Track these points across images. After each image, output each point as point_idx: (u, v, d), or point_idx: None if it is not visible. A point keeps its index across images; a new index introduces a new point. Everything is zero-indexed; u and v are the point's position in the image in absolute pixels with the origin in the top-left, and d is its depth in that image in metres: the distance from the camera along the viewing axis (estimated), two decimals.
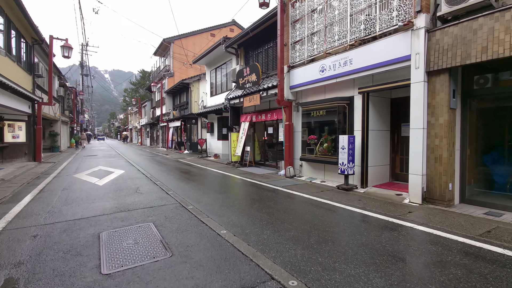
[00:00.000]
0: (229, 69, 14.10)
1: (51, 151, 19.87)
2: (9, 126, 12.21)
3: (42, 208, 5.00)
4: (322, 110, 7.67)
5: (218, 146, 15.24)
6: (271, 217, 4.36)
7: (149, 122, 32.69)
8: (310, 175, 8.33)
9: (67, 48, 13.47)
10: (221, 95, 14.86)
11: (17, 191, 6.60)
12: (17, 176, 8.86)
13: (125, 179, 8.06)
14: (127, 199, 5.57)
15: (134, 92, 56.86)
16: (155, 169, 10.51)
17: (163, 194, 6.06)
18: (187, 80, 19.65)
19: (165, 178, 8.37)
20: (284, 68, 8.73)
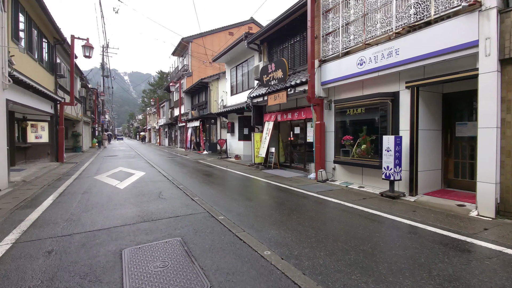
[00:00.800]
0: (250, 66, 13.52)
1: (73, 151, 20.09)
2: (32, 126, 12.20)
3: (61, 215, 4.58)
4: (359, 107, 6.91)
5: (239, 147, 14.70)
6: (318, 232, 3.69)
7: (167, 122, 32.75)
8: (345, 179, 7.57)
9: (88, 48, 13.37)
10: (242, 93, 14.31)
11: (37, 194, 6.30)
12: (39, 177, 8.67)
13: (146, 182, 7.63)
14: (150, 206, 5.07)
15: (152, 93, 57.68)
16: (176, 171, 10.08)
17: (188, 200, 5.52)
18: (206, 79, 19.27)
19: (188, 181, 7.87)
20: (315, 62, 8.02)
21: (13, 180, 7.80)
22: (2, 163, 6.66)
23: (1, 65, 6.71)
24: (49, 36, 12.51)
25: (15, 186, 7.05)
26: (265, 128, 11.33)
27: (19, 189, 6.81)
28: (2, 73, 6.75)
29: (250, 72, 13.46)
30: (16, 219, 4.36)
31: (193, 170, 10.46)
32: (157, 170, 10.34)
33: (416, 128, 5.74)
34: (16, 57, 7.99)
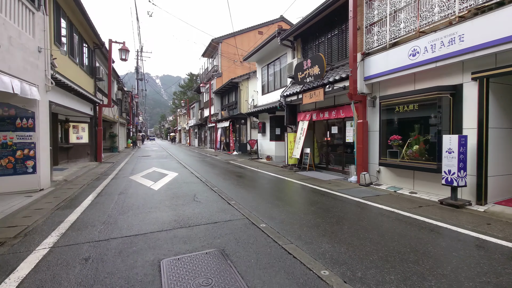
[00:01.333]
0: (283, 64, 13.06)
1: (110, 151, 20.99)
2: (73, 127, 12.78)
3: (98, 216, 4.48)
4: (411, 104, 6.17)
5: (271, 148, 14.29)
6: (379, 247, 3.15)
7: (197, 123, 33.28)
8: (392, 183, 6.84)
9: (125, 51, 13.75)
10: (273, 92, 13.89)
11: (77, 193, 6.37)
12: (79, 176, 8.92)
13: (180, 184, 7.49)
14: (185, 210, 4.82)
15: (182, 95, 59.31)
16: (208, 172, 9.91)
17: (225, 204, 5.21)
18: (236, 79, 19.13)
19: (222, 183, 7.61)
20: (357, 56, 7.37)
21: (55, 179, 8.06)
22: (45, 163, 6.85)
23: (44, 67, 6.92)
24: (89, 41, 13.02)
25: (57, 185, 7.25)
26: (299, 128, 10.81)
27: (61, 188, 6.97)
28: (46, 75, 6.95)
29: (283, 70, 13.01)
30: (56, 220, 4.32)
31: (225, 171, 10.23)
32: (189, 171, 10.25)
33: (485, 126, 4.93)
34: (59, 60, 8.27)
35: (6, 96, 5.94)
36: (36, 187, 6.48)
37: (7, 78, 5.24)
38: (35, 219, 4.43)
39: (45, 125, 6.92)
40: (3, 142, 6.10)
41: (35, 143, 6.49)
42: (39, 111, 6.56)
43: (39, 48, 6.64)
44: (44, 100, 6.90)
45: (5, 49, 5.25)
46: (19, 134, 6.28)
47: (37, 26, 6.59)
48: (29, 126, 6.42)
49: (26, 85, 5.92)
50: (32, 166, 6.46)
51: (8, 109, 6.13)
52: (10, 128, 6.17)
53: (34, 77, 6.41)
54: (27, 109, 6.38)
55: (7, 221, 4.28)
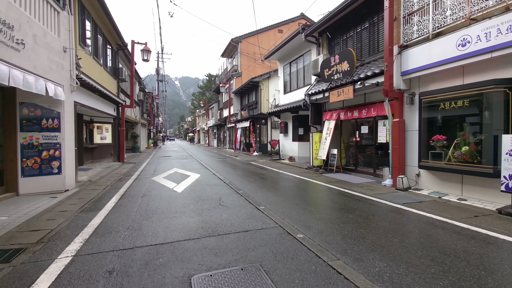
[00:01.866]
0: (306, 61, 12.56)
1: (132, 151, 21.30)
2: (97, 128, 12.93)
3: (122, 221, 4.25)
4: (459, 100, 5.52)
5: (293, 148, 13.81)
6: (448, 269, 2.65)
7: (216, 123, 33.30)
8: (435, 188, 6.20)
9: (146, 52, 13.78)
10: (296, 91, 13.41)
11: (101, 195, 6.25)
12: (103, 177, 8.90)
13: (203, 186, 7.21)
14: (212, 215, 4.50)
15: (201, 95, 59.92)
16: (230, 174, 9.60)
17: (253, 209, 4.84)
18: (256, 79, 18.80)
19: (247, 186, 7.25)
20: (394, 49, 6.78)
21: (80, 179, 8.05)
22: (70, 164, 6.80)
23: (70, 67, 6.87)
24: (113, 42, 13.15)
25: (81, 186, 7.19)
26: (325, 128, 10.28)
27: (85, 189, 6.89)
28: (71, 75, 6.91)
29: (306, 67, 12.51)
30: (79, 224, 4.13)
31: (248, 173, 9.88)
32: (211, 172, 9.99)
33: None
34: (84, 61, 8.27)
35: (32, 96, 5.90)
36: (61, 188, 6.42)
37: (32, 78, 5.16)
38: (59, 222, 4.27)
39: (70, 126, 6.87)
40: (29, 142, 6.07)
41: (60, 143, 6.43)
42: (64, 111, 6.50)
43: (64, 47, 6.59)
44: (69, 100, 6.85)
45: (30, 48, 5.18)
46: (44, 135, 6.24)
47: (62, 25, 6.54)
48: (55, 127, 6.37)
49: (51, 85, 5.85)
50: (57, 166, 6.40)
51: (34, 109, 6.10)
52: (36, 128, 6.14)
53: (59, 77, 6.35)
54: (53, 109, 6.33)
55: (31, 224, 4.14)
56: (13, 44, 4.64)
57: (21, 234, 3.73)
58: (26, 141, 6.02)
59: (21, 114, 5.95)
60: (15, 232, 3.84)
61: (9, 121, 5.81)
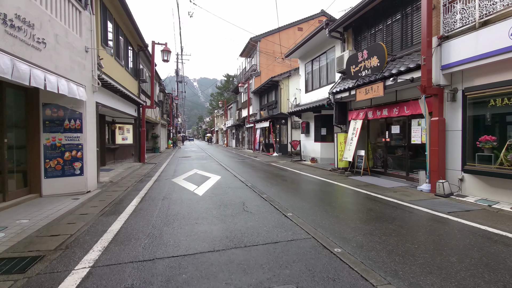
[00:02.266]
0: (329, 58, 12.02)
1: (152, 151, 21.55)
2: (119, 128, 13.05)
3: (142, 227, 4.02)
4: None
5: (315, 149, 13.29)
6: None
7: (234, 123, 33.20)
8: (483, 195, 5.54)
9: (167, 52, 13.77)
10: (319, 90, 12.89)
11: (121, 197, 6.11)
12: (124, 177, 8.85)
13: (224, 189, 6.92)
14: (236, 222, 4.17)
15: (219, 96, 60.28)
16: (252, 176, 9.27)
17: (280, 216, 4.46)
18: (276, 78, 18.40)
19: (270, 189, 6.89)
20: (432, 41, 6.17)
21: (102, 180, 8.02)
22: (92, 165, 6.73)
23: (91, 67, 6.81)
24: (134, 44, 13.23)
25: (103, 187, 7.13)
26: (350, 128, 9.72)
27: (106, 190, 6.81)
28: (92, 76, 6.85)
29: (330, 65, 11.97)
30: (99, 230, 3.93)
31: (270, 175, 9.52)
32: (232, 173, 9.72)
33: None
34: (105, 61, 8.25)
35: (55, 96, 5.85)
36: (83, 189, 6.35)
37: (54, 78, 5.07)
38: (79, 226, 4.11)
39: (92, 126, 6.81)
40: (52, 143, 6.03)
41: (82, 144, 6.37)
42: (86, 112, 6.44)
43: (86, 47, 6.53)
44: (91, 101, 6.79)
45: (51, 47, 5.09)
46: (67, 136, 6.19)
47: (84, 25, 6.48)
48: (77, 127, 6.31)
49: (73, 85, 5.77)
50: (79, 168, 6.34)
51: (57, 110, 6.05)
52: (59, 129, 6.10)
53: (81, 77, 6.28)
54: (75, 110, 6.28)
55: (51, 228, 4.00)
56: (33, 43, 4.55)
57: (40, 240, 3.58)
58: (49, 142, 5.99)
59: (44, 115, 5.92)
60: (34, 237, 3.69)
61: (33, 122, 5.79)
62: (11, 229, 3.97)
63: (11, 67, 3.98)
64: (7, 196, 5.11)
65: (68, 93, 5.52)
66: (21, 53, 4.26)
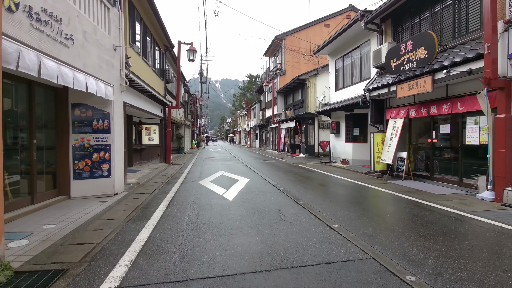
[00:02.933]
0: (364, 53, 11.21)
1: (177, 152, 21.66)
2: (146, 129, 13.05)
3: (171, 236, 3.64)
4: None
5: (347, 150, 12.49)
6: None
7: (258, 124, 32.81)
8: None
9: (192, 52, 13.60)
10: (351, 88, 12.09)
11: (148, 200, 5.84)
12: (151, 179, 8.67)
13: (255, 193, 6.45)
14: (275, 234, 3.67)
15: (242, 96, 60.30)
16: (282, 178, 8.74)
17: (325, 228, 3.90)
18: (303, 76, 17.72)
19: (305, 194, 6.33)
20: (497, 26, 5.31)
21: (129, 181, 7.86)
22: (120, 166, 6.55)
23: (119, 66, 6.63)
24: (160, 44, 13.19)
25: (130, 189, 6.93)
26: (389, 127, 8.89)
27: (133, 193, 6.59)
28: (120, 75, 6.66)
29: (364, 59, 11.16)
30: (126, 238, 3.60)
31: (301, 178, 8.93)
32: (260, 176, 9.24)
33: None
34: (133, 61, 8.10)
35: (83, 96, 5.69)
36: (111, 191, 6.16)
37: (82, 76, 4.87)
38: (105, 233, 3.81)
39: (120, 127, 6.62)
40: (81, 144, 5.87)
41: (110, 145, 6.18)
42: (114, 112, 6.24)
43: (114, 45, 6.35)
44: (119, 100, 6.60)
45: (79, 44, 4.89)
46: (95, 136, 6.02)
47: (112, 22, 6.30)
48: (105, 128, 6.13)
49: (101, 84, 5.57)
50: (107, 169, 6.15)
51: (85, 110, 5.90)
52: (87, 130, 5.93)
53: (109, 76, 6.10)
54: (103, 110, 6.09)
55: (77, 235, 3.73)
56: (61, 39, 4.34)
57: (64, 249, 3.29)
58: (77, 142, 5.84)
59: (73, 115, 5.77)
60: (59, 245, 3.42)
61: (62, 122, 5.65)
62: (36, 235, 3.74)
63: (38, 64, 3.76)
64: (36, 198, 4.98)
65: (96, 92, 5.31)
66: (48, 49, 4.05)
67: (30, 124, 4.91)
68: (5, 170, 4.43)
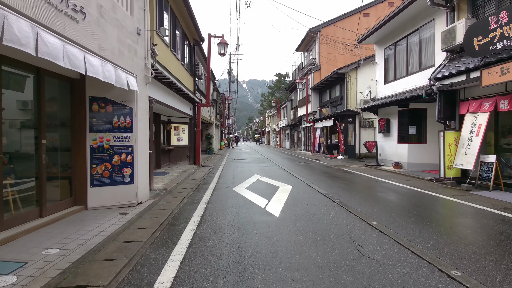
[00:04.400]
0: (425, 35, 9.45)
1: (206, 153, 20.95)
2: (174, 129, 12.27)
3: (207, 279, 2.49)
4: None
5: (400, 152, 10.74)
6: None
7: (288, 123, 31.37)
8: None
9: (223, 45, 12.61)
10: (406, 79, 10.35)
11: (176, 213, 4.82)
12: (179, 184, 7.73)
13: (306, 207, 5.16)
14: (365, 285, 2.37)
15: (270, 96, 59.06)
16: (330, 186, 7.36)
17: (440, 277, 2.52)
18: (342, 70, 16.07)
19: (372, 210, 4.92)
20: None
21: (156, 187, 6.96)
22: (144, 171, 5.61)
23: (144, 54, 5.69)
24: (190, 37, 12.36)
25: (156, 197, 5.97)
26: (466, 124, 7.15)
27: (159, 201, 5.61)
28: (145, 64, 5.72)
29: (426, 43, 9.41)
30: (144, 280, 2.51)
31: (352, 185, 7.49)
32: (303, 182, 7.93)
33: None
34: (160, 52, 7.20)
35: (103, 88, 4.80)
36: (133, 200, 5.22)
37: (97, 60, 3.91)
38: (118, 267, 2.77)
39: (144, 125, 5.68)
40: (100, 145, 4.98)
41: (133, 146, 5.24)
42: (137, 107, 5.30)
43: (138, 29, 5.41)
44: (143, 94, 5.65)
45: (93, 21, 3.94)
46: (116, 136, 5.11)
47: (136, 2, 5.36)
48: (127, 126, 5.20)
49: (121, 72, 4.62)
50: (129, 174, 5.22)
51: (104, 105, 5.00)
52: (107, 128, 5.03)
53: (131, 65, 5.16)
54: (125, 104, 5.17)
55: (81, 269, 2.72)
56: (67, 10, 3.39)
57: None
58: (96, 143, 4.95)
59: (91, 111, 4.89)
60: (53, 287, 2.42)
61: (79, 119, 4.79)
62: (30, 266, 2.79)
63: (33, 38, 2.81)
64: (45, 210, 4.11)
65: (115, 82, 4.37)
66: (48, 21, 3.10)
67: (38, 121, 4.05)
68: (6, 176, 3.59)
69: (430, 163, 9.80)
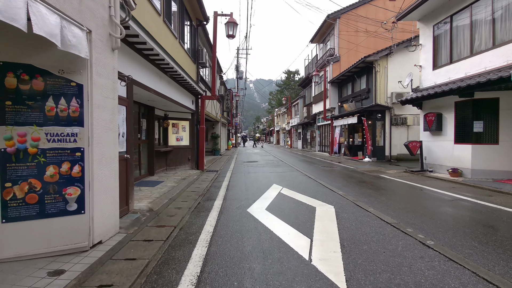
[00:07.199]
0: (500, 3, 7.07)
1: (212, 154, 18.83)
2: (173, 126, 10.14)
3: None
4: None
5: (458, 155, 8.38)
6: None
7: (301, 122, 29.05)
8: None
9: (232, 25, 10.44)
10: (469, 60, 8.00)
11: (153, 268, 2.64)
12: (173, 200, 5.57)
13: (385, 259, 2.92)
14: None
15: (278, 94, 56.81)
16: (389, 206, 5.11)
17: None
18: (371, 57, 13.71)
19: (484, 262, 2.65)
20: None
21: (137, 207, 4.83)
22: (109, 189, 3.47)
23: (109, 2, 3.53)
24: (192, 16, 10.23)
25: (131, 227, 3.81)
26: None
27: (133, 238, 3.45)
28: (110, 16, 3.56)
29: (504, 12, 7.04)
30: None
31: (419, 205, 5.20)
32: (343, 197, 5.69)
33: None
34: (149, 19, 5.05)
35: (23, 45, 2.68)
36: (84, 241, 3.09)
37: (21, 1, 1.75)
38: None
39: (110, 115, 3.52)
40: (19, 148, 2.85)
41: (83, 149, 3.10)
42: (91, 83, 3.15)
43: None
44: (106, 64, 3.48)
45: None
46: (51, 131, 2.97)
47: None
48: (72, 115, 3.06)
49: (60, 20, 2.48)
50: (77, 197, 3.08)
51: (29, 77, 2.87)
52: (34, 118, 2.91)
53: (80, 11, 3.01)
54: (69, 78, 3.04)
55: None
56: None
57: None
58: (11, 144, 2.83)
59: (4, 88, 2.78)
60: None
61: None
62: None
63: None
64: None
65: (47, 34, 2.25)
66: None
67: None
68: None
69: (505, 170, 7.45)
